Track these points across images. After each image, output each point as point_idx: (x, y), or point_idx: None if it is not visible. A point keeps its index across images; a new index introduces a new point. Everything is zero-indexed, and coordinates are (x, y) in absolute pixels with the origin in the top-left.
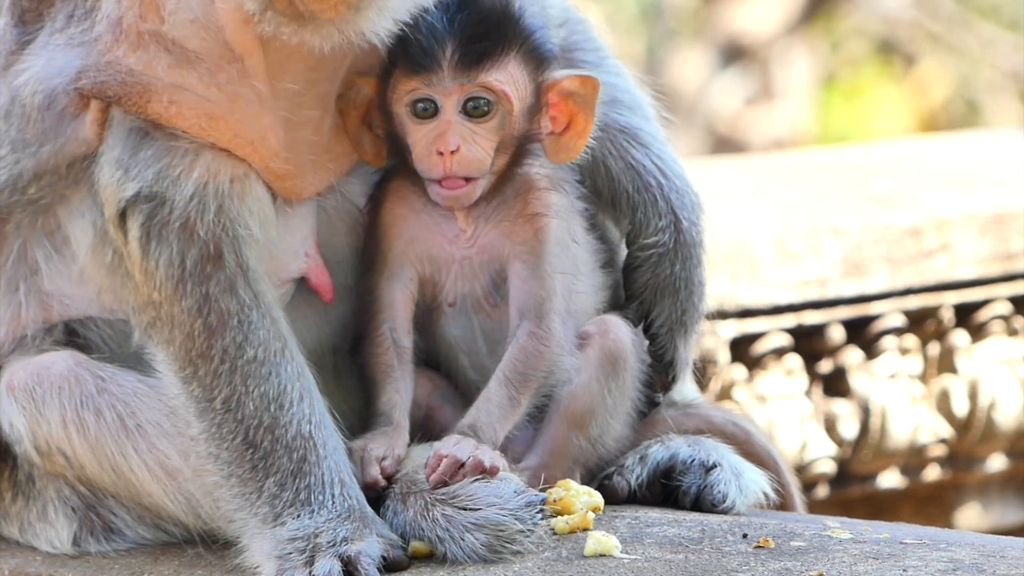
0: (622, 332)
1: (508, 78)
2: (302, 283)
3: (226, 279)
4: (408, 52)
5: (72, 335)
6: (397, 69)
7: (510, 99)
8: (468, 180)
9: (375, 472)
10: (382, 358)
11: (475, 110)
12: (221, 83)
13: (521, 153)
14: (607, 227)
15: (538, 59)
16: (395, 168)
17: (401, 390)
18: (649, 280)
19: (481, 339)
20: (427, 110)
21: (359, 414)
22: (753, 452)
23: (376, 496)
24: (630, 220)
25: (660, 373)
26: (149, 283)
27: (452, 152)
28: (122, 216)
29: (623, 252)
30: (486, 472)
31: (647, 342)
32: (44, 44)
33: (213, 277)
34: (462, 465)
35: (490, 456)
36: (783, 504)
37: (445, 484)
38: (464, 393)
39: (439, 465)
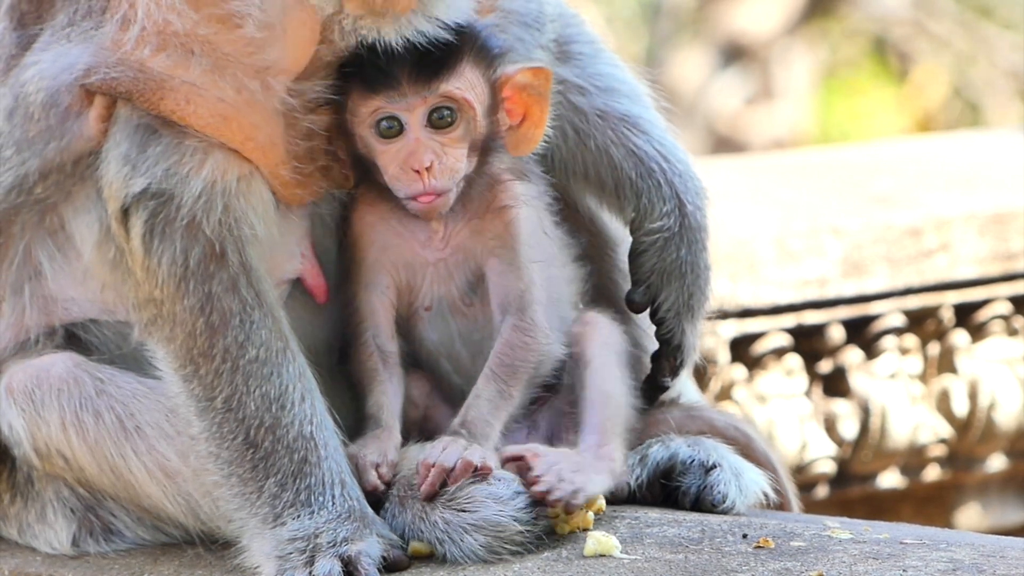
0: (607, 324)
1: (466, 84)
2: (297, 284)
3: (229, 278)
4: (366, 73)
5: (72, 338)
6: (355, 92)
7: (472, 105)
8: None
9: (372, 479)
10: (367, 363)
11: (440, 121)
12: (249, 90)
13: (486, 152)
14: (581, 219)
15: (488, 58)
16: (363, 178)
17: (388, 392)
18: (655, 264)
19: (459, 342)
20: (392, 128)
21: (356, 414)
22: (753, 457)
23: (376, 499)
24: (634, 207)
25: (668, 358)
26: (151, 280)
27: (427, 168)
28: (125, 212)
29: (626, 243)
30: (478, 472)
31: (654, 327)
32: (47, 44)
33: (216, 276)
34: (452, 471)
35: (480, 455)
36: (781, 510)
37: (436, 494)
38: (450, 397)
39: (428, 475)
